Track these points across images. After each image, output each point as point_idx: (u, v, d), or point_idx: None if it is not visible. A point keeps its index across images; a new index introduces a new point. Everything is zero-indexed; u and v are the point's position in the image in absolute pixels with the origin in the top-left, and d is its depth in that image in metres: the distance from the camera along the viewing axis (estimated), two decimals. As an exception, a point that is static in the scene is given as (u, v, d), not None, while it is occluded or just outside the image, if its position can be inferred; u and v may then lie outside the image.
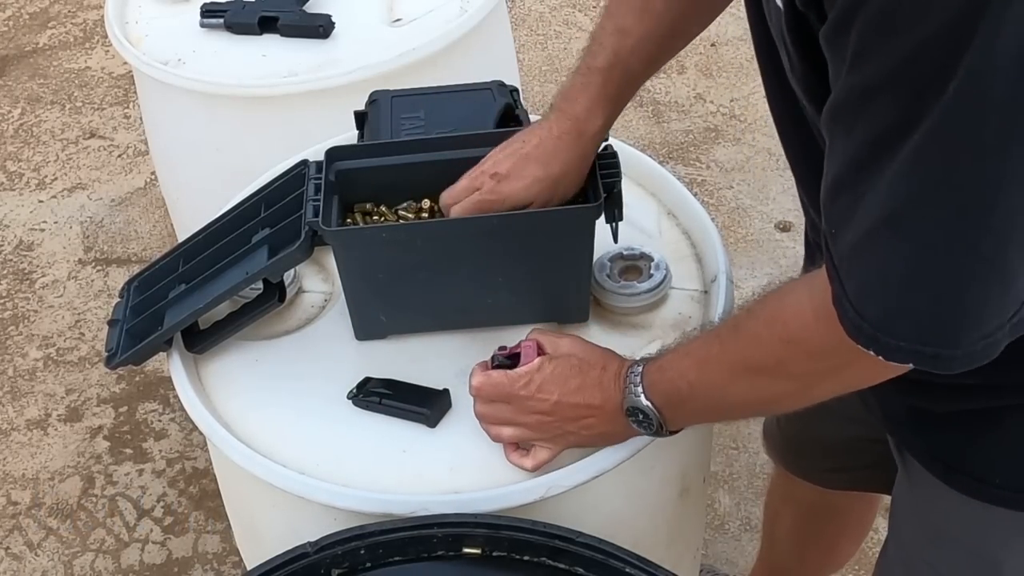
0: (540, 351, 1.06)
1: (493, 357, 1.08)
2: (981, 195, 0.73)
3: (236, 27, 1.76)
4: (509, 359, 1.07)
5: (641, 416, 1.00)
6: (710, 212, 1.34)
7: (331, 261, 1.25)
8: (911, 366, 0.80)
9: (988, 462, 1.00)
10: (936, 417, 1.01)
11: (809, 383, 0.92)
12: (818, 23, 0.77)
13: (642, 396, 0.99)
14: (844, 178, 0.78)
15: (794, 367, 0.91)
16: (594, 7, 3.24)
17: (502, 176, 1.10)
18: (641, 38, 1.10)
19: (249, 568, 1.01)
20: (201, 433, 1.23)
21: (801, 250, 2.24)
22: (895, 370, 0.86)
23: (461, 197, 1.12)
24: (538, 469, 1.07)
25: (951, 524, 1.08)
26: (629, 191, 1.22)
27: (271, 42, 1.75)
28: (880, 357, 0.80)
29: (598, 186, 1.14)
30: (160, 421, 2.28)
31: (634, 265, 1.25)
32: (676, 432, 1.03)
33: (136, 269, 1.63)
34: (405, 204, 1.21)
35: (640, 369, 1.00)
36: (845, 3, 0.72)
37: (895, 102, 0.72)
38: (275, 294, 1.21)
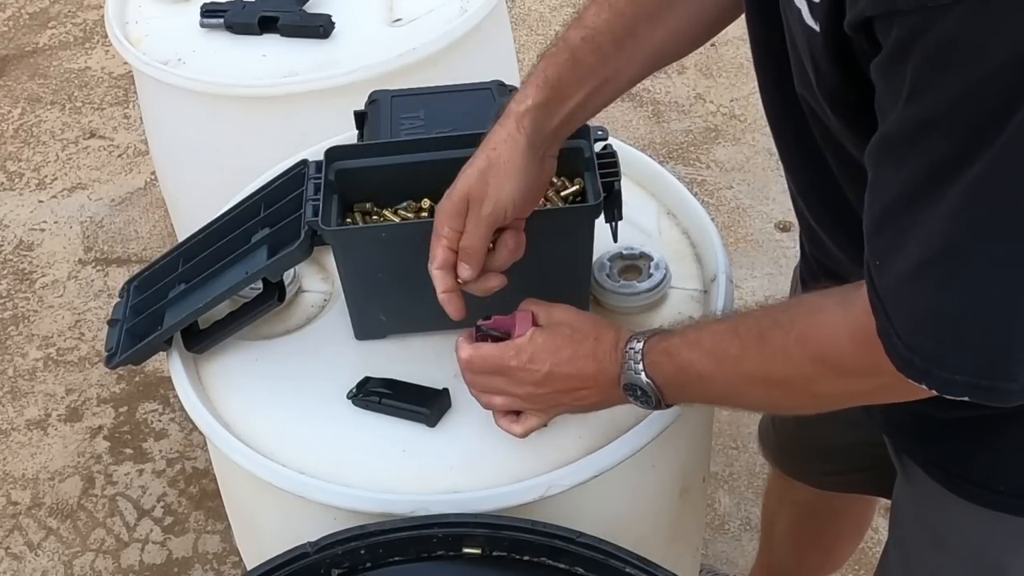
0: (534, 322, 1.05)
1: (478, 327, 1.07)
2: None
3: (236, 27, 1.76)
4: (499, 332, 1.06)
5: (639, 392, 0.99)
6: (710, 212, 1.34)
7: (331, 261, 1.25)
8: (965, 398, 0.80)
9: (993, 469, 1.00)
10: (938, 423, 1.01)
11: (833, 401, 0.92)
12: (868, 48, 0.76)
13: (642, 374, 0.98)
14: (892, 209, 0.77)
15: (822, 386, 0.90)
16: (594, 7, 3.24)
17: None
18: (596, 28, 1.06)
19: (249, 568, 1.01)
20: (201, 433, 1.23)
21: (801, 250, 2.21)
22: (924, 393, 0.84)
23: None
24: (527, 435, 1.06)
25: (954, 530, 1.07)
26: (629, 191, 1.22)
27: (271, 42, 1.75)
28: (934, 391, 0.79)
29: (598, 186, 1.14)
30: (160, 421, 2.28)
31: (634, 265, 1.25)
32: (672, 406, 1.03)
33: (136, 269, 1.63)
34: (405, 204, 1.21)
35: (639, 346, 0.99)
36: (901, 36, 0.71)
37: (952, 136, 0.72)
38: (275, 294, 1.21)
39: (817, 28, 0.80)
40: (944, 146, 0.72)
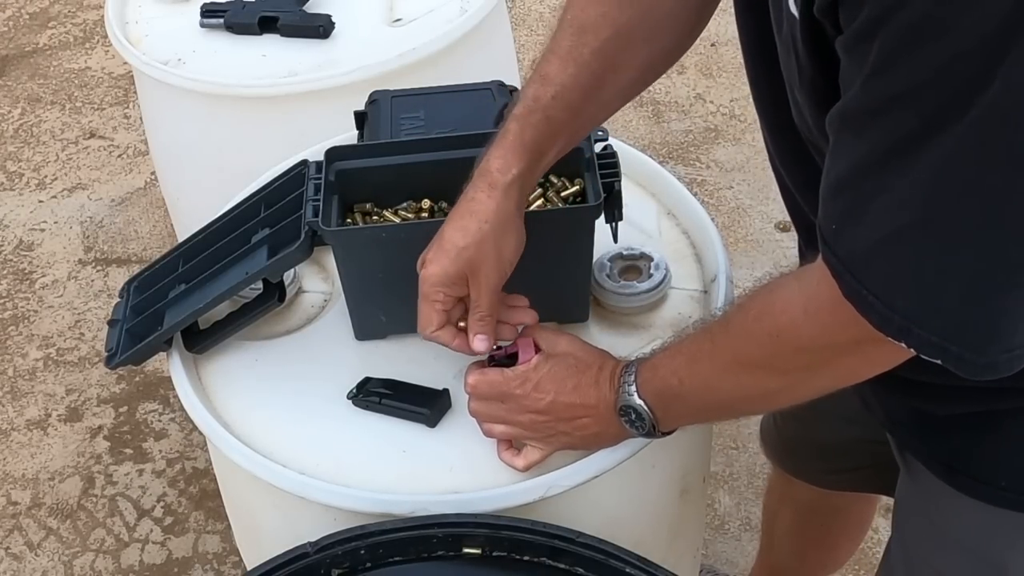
0: (536, 348, 1.06)
1: (490, 357, 1.08)
2: (1010, 206, 0.74)
3: (236, 27, 1.76)
4: (507, 358, 1.07)
5: (634, 415, 1.00)
6: (710, 212, 1.34)
7: (331, 261, 1.25)
8: (929, 360, 0.81)
9: (993, 464, 1.00)
10: (940, 419, 1.01)
11: (798, 378, 0.92)
12: (833, 31, 0.78)
13: (635, 395, 0.99)
14: (850, 178, 0.79)
15: (783, 361, 0.91)
16: (594, 7, 3.23)
17: (426, 262, 1.05)
18: (564, 86, 1.06)
19: (249, 568, 1.01)
20: (201, 433, 1.23)
21: (801, 250, 2.21)
22: (884, 365, 0.87)
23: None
24: (529, 469, 1.07)
25: (955, 526, 1.08)
26: (629, 191, 1.22)
27: (271, 42, 1.75)
28: (911, 350, 0.81)
29: (598, 186, 1.14)
30: (160, 421, 2.28)
31: (634, 265, 1.25)
32: (669, 433, 1.03)
33: (136, 269, 1.63)
34: (405, 204, 1.21)
35: (634, 368, 1.00)
36: (869, 15, 0.72)
37: (919, 110, 0.73)
38: (275, 294, 1.21)
39: (797, 16, 0.81)
40: (912, 119, 0.73)
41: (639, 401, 0.99)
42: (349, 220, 1.20)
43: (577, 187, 1.18)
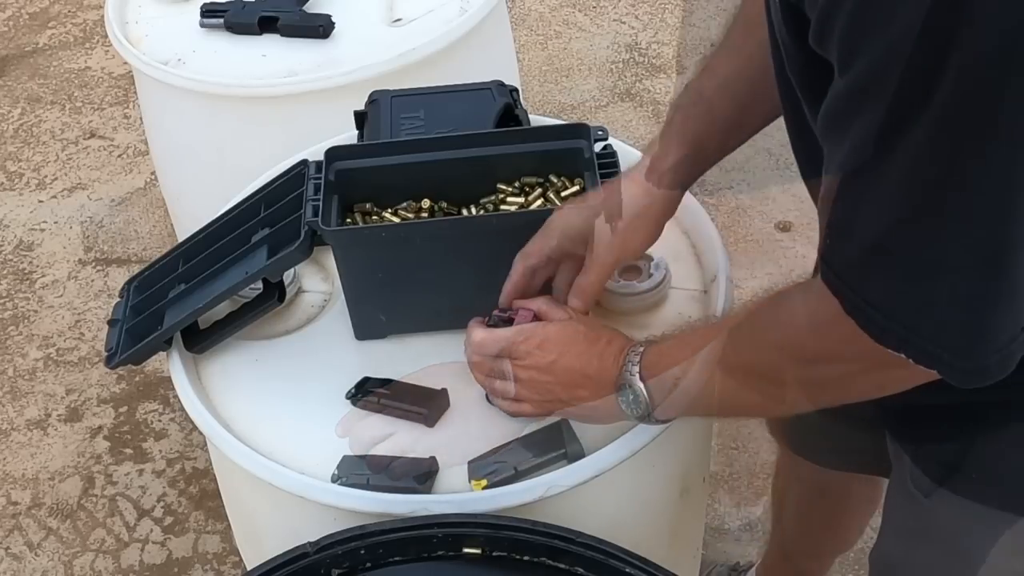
0: (536, 319, 1.08)
1: (490, 316, 1.09)
2: (979, 196, 0.72)
3: (236, 27, 1.77)
4: (506, 323, 1.08)
5: (631, 397, 1.00)
6: (710, 212, 1.34)
7: (331, 261, 1.25)
8: (934, 373, 0.80)
9: (967, 455, 1.00)
10: (924, 409, 1.01)
11: (802, 391, 0.91)
12: (805, 25, 0.77)
13: (636, 375, 0.99)
14: (838, 185, 0.78)
15: (786, 374, 0.90)
16: (594, 7, 3.23)
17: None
18: (728, 77, 1.05)
19: (249, 568, 1.01)
20: (201, 433, 1.23)
21: (800, 249, 2.22)
22: (892, 387, 0.86)
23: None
24: (517, 416, 1.08)
25: (931, 519, 1.08)
26: (629, 191, 1.22)
27: (271, 42, 1.75)
28: (910, 360, 0.79)
29: (597, 185, 1.14)
30: (160, 421, 2.28)
31: (634, 265, 1.25)
32: (663, 422, 1.03)
33: (136, 269, 1.63)
34: (405, 204, 1.21)
35: (641, 349, 1.00)
36: (823, 9, 0.72)
37: (882, 103, 0.71)
38: (275, 294, 1.21)
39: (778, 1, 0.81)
40: (881, 112, 0.72)
41: (639, 383, 0.99)
42: (349, 220, 1.20)
43: (577, 187, 1.18)
